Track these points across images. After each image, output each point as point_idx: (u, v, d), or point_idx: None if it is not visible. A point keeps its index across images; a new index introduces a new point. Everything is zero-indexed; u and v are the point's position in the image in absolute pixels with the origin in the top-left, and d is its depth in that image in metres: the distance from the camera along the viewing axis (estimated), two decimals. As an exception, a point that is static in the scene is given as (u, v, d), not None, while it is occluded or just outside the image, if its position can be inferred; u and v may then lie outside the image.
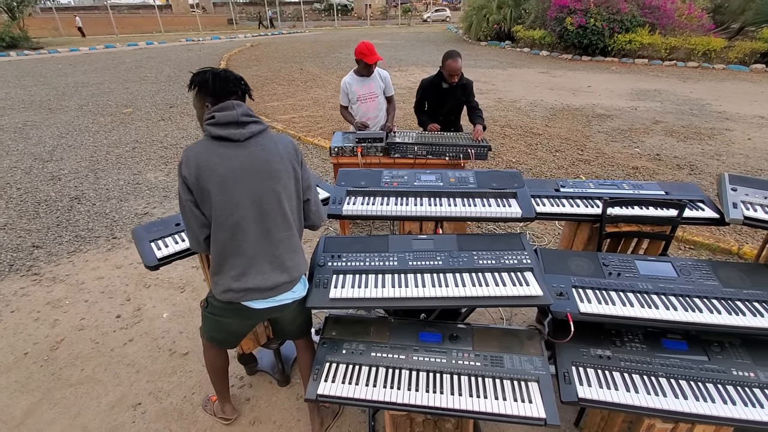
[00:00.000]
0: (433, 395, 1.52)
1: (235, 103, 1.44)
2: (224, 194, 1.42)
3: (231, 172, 1.41)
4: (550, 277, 1.76)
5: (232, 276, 1.50)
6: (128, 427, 2.14)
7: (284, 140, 1.56)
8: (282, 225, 1.52)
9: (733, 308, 1.60)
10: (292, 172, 1.53)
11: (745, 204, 1.87)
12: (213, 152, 1.41)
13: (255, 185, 1.45)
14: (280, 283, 1.53)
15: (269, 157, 1.47)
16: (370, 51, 3.28)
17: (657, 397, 1.49)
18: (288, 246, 1.55)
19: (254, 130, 1.46)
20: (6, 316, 2.91)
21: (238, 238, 1.47)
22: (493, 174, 2.18)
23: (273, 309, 1.61)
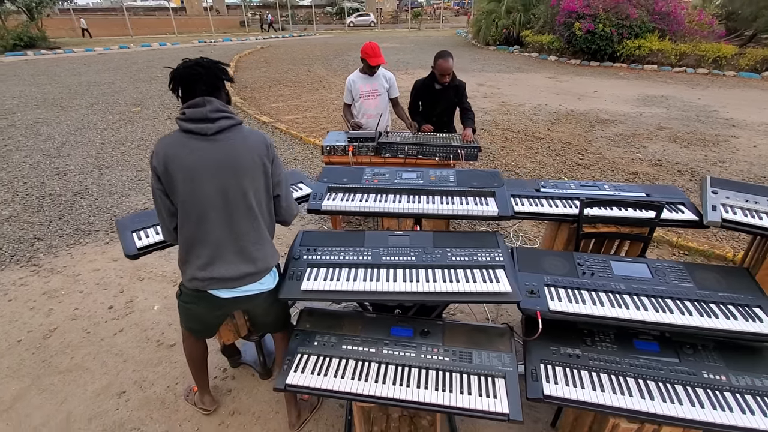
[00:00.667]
0: (400, 388, 1.54)
1: (206, 100, 1.47)
2: (190, 185, 1.46)
3: (198, 164, 1.45)
4: (524, 276, 1.77)
5: (198, 265, 1.54)
6: (111, 415, 2.18)
7: (256, 136, 1.58)
8: (247, 218, 1.55)
9: (705, 310, 1.60)
10: (261, 168, 1.56)
11: (725, 207, 1.86)
12: (182, 145, 1.46)
13: (221, 178, 1.48)
14: (245, 273, 1.56)
15: (237, 152, 1.50)
16: (375, 53, 3.33)
17: (623, 397, 1.49)
18: (254, 238, 1.58)
19: (223, 125, 1.49)
20: (3, 305, 2.99)
21: (203, 228, 1.51)
22: (474, 173, 2.19)
23: (240, 299, 1.65)
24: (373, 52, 3.32)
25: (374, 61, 3.33)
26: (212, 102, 1.48)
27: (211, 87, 1.51)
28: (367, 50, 3.36)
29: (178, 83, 1.48)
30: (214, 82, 1.52)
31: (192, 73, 1.47)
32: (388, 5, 41.66)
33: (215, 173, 1.47)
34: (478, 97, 9.32)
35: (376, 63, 3.35)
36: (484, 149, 6.05)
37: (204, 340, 1.97)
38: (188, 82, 1.47)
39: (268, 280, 1.66)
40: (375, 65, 3.37)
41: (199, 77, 1.47)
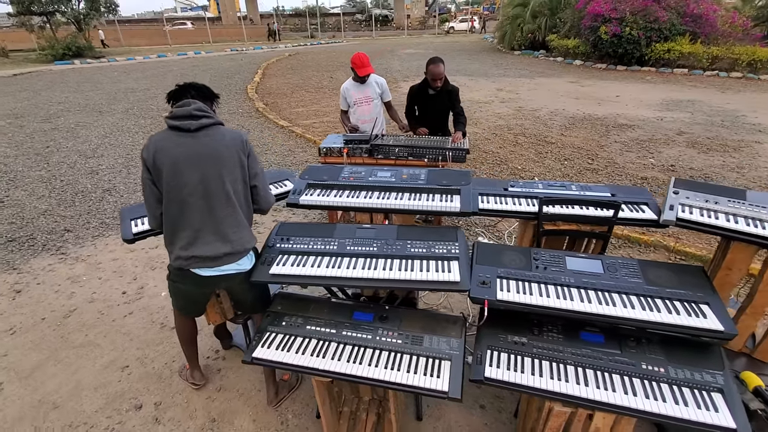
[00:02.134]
0: (354, 365, 1.68)
1: (192, 102, 1.73)
2: (175, 174, 1.68)
3: (182, 156, 1.68)
4: (480, 268, 1.88)
5: (181, 245, 1.75)
6: (114, 385, 2.43)
7: (233, 133, 1.81)
8: (225, 203, 1.76)
9: (649, 305, 1.65)
10: (237, 160, 1.77)
11: (683, 206, 1.91)
12: (169, 139, 1.70)
13: (202, 168, 1.70)
14: (222, 253, 1.76)
15: (216, 145, 1.73)
16: (362, 63, 3.51)
17: (559, 383, 1.57)
18: (231, 222, 1.78)
19: (204, 123, 1.72)
20: (33, 288, 3.35)
21: (185, 212, 1.73)
22: (445, 172, 2.31)
23: (220, 278, 1.85)
24: (360, 62, 3.50)
25: (362, 72, 3.52)
26: (197, 102, 1.73)
27: (200, 94, 1.79)
28: (355, 61, 3.54)
29: (172, 95, 1.77)
30: (204, 92, 1.81)
31: (185, 87, 1.74)
32: (416, 11, 41.97)
33: (197, 164, 1.69)
34: (495, 102, 9.35)
35: (364, 74, 3.53)
36: (493, 153, 6.10)
37: (193, 320, 2.18)
38: (180, 92, 1.75)
39: (245, 262, 1.86)
40: (363, 75, 3.55)
41: (191, 87, 1.75)
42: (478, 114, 8.37)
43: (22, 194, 5.07)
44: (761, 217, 1.77)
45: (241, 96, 10.74)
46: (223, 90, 11.62)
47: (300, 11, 45.17)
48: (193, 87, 1.82)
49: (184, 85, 1.82)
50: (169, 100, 1.82)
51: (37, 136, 7.49)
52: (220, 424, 2.18)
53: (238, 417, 2.21)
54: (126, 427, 2.19)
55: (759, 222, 1.76)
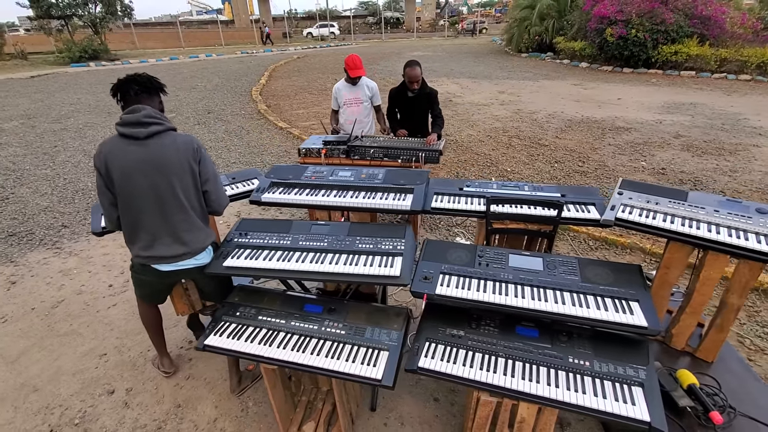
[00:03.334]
0: (297, 353, 1.77)
1: (141, 107, 1.78)
2: (126, 181, 1.77)
3: (131, 165, 1.75)
4: (425, 264, 1.95)
5: (140, 246, 1.87)
6: (91, 371, 2.57)
7: (185, 140, 1.86)
8: (178, 209, 1.84)
9: (579, 301, 1.71)
10: (188, 167, 1.83)
11: (625, 207, 1.95)
12: (119, 148, 1.76)
13: (152, 177, 1.77)
14: (180, 253, 1.87)
15: (166, 153, 1.78)
16: (355, 65, 3.63)
17: (488, 373, 1.64)
18: (185, 226, 1.87)
19: (154, 130, 1.77)
20: (27, 279, 3.52)
21: (140, 218, 1.82)
22: (404, 172, 2.40)
23: (178, 272, 1.97)
24: (353, 64, 3.61)
25: (353, 73, 3.63)
26: (146, 108, 1.78)
27: (143, 90, 1.82)
28: (348, 62, 3.65)
29: (116, 88, 1.81)
30: (148, 86, 1.84)
31: (128, 80, 1.80)
32: (427, 14, 42.05)
33: (147, 173, 1.76)
34: (494, 105, 9.37)
35: (356, 75, 3.64)
36: (485, 155, 6.15)
37: (156, 308, 2.30)
38: (124, 85, 1.80)
39: (204, 256, 1.97)
40: (354, 77, 3.65)
41: (132, 81, 1.80)
42: (475, 116, 8.41)
43: (26, 191, 5.31)
44: (698, 218, 1.81)
45: (245, 98, 10.95)
46: (229, 92, 11.88)
47: (312, 14, 45.60)
48: (135, 82, 1.81)
49: (125, 79, 1.82)
50: (115, 96, 1.84)
51: (47, 136, 7.78)
52: (184, 410, 2.30)
53: (202, 403, 2.33)
54: (97, 410, 2.32)
55: (694, 222, 1.80)
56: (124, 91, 1.82)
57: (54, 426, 2.23)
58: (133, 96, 1.82)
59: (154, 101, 1.88)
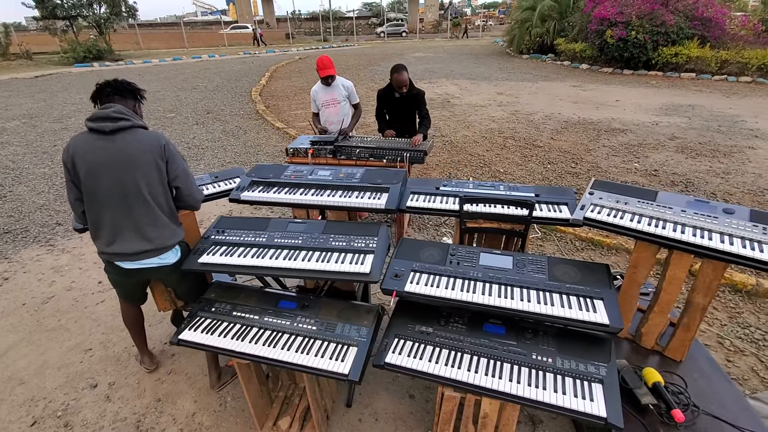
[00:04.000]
0: (268, 348, 1.81)
1: (112, 104, 1.82)
2: (91, 177, 1.80)
3: (97, 161, 1.79)
4: (398, 262, 1.98)
5: (104, 242, 1.90)
6: (75, 366, 2.62)
7: (152, 138, 1.88)
8: (142, 205, 1.86)
9: (545, 298, 1.74)
10: (154, 165, 1.85)
11: (595, 206, 1.97)
12: (86, 143, 1.80)
13: (116, 172, 1.80)
14: (143, 250, 1.90)
15: (132, 150, 1.81)
16: (324, 65, 3.66)
17: (452, 369, 1.67)
18: (150, 222, 1.89)
19: (122, 126, 1.80)
20: (19, 276, 3.58)
21: (104, 213, 1.85)
22: (381, 172, 2.43)
23: (142, 270, 1.98)
24: (322, 64, 3.65)
25: (322, 73, 3.67)
26: (115, 105, 1.83)
27: (116, 92, 1.87)
28: (317, 63, 3.70)
29: (95, 94, 1.87)
30: (121, 89, 1.89)
31: (104, 84, 1.85)
32: (430, 15, 42.07)
33: (112, 169, 1.79)
34: (492, 106, 9.38)
35: (325, 75, 3.68)
36: (478, 156, 6.17)
37: (137, 308, 2.34)
38: (100, 89, 1.86)
39: (170, 256, 1.99)
40: (323, 77, 3.69)
41: (107, 85, 1.85)
42: (472, 117, 8.43)
43: (24, 190, 5.38)
44: (665, 218, 1.83)
45: (244, 98, 11.02)
46: (229, 92, 11.95)
47: (315, 15, 45.79)
48: (109, 85, 1.88)
49: (103, 83, 1.88)
50: (94, 102, 1.90)
51: (47, 136, 7.87)
52: (164, 404, 2.34)
53: (182, 398, 2.37)
54: (80, 403, 2.36)
55: (661, 222, 1.82)
56: (99, 94, 1.87)
57: (37, 418, 2.28)
58: (106, 97, 1.88)
59: (128, 104, 1.92)
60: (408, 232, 4.05)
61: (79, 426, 2.23)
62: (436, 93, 11.00)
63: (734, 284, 3.14)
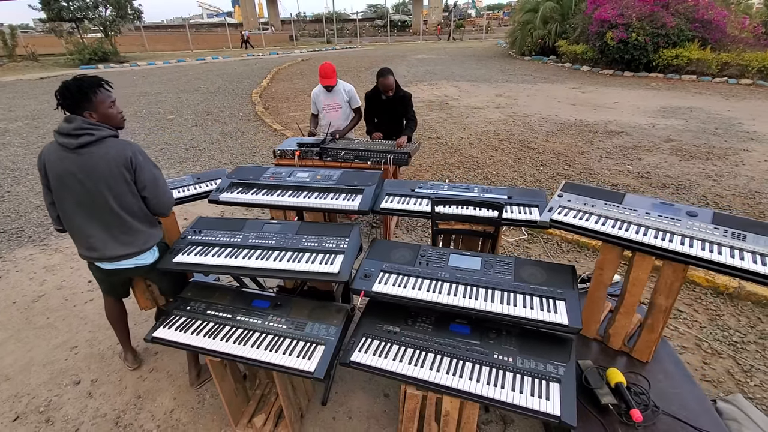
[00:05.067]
0: (239, 346, 1.85)
1: (72, 118, 1.81)
2: (60, 189, 1.85)
3: (64, 172, 1.81)
4: (369, 262, 2.02)
5: (82, 246, 1.97)
6: (61, 363, 2.68)
7: (118, 149, 1.86)
8: (110, 215, 1.89)
9: (508, 299, 1.76)
10: (120, 176, 1.85)
11: (563, 208, 2.00)
12: (55, 154, 1.83)
13: (83, 184, 1.82)
14: (120, 254, 1.95)
15: (96, 163, 1.81)
16: (325, 74, 3.72)
17: (415, 368, 1.70)
18: (122, 229, 1.94)
19: (84, 141, 1.79)
20: (12, 274, 3.66)
21: (75, 221, 1.91)
22: (358, 174, 2.46)
23: (122, 270, 2.05)
24: (324, 73, 3.71)
25: (323, 83, 3.73)
26: (76, 120, 1.81)
27: (72, 106, 1.82)
28: (320, 70, 3.75)
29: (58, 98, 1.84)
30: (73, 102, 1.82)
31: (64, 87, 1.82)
32: (434, 17, 42.12)
33: (79, 181, 1.82)
34: (489, 108, 9.40)
35: (325, 84, 3.74)
36: (472, 158, 6.19)
37: (120, 303, 2.40)
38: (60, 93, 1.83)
39: (146, 257, 2.05)
40: (324, 86, 3.75)
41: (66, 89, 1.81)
42: (469, 119, 8.46)
43: (22, 190, 5.48)
44: (629, 220, 1.85)
45: (245, 100, 11.11)
46: (230, 94, 12.06)
47: (320, 17, 46.03)
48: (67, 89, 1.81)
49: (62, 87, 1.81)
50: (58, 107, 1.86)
51: (49, 137, 7.97)
52: (144, 401, 2.38)
53: (161, 395, 2.41)
54: (62, 399, 2.42)
55: (625, 224, 1.84)
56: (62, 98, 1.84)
57: (20, 413, 2.34)
58: (70, 103, 1.83)
59: (93, 105, 1.87)
60: (396, 233, 4.08)
61: (60, 421, 2.28)
62: (435, 95, 11.04)
63: (716, 287, 3.15)
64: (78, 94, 1.83)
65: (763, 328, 2.82)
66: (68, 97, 1.82)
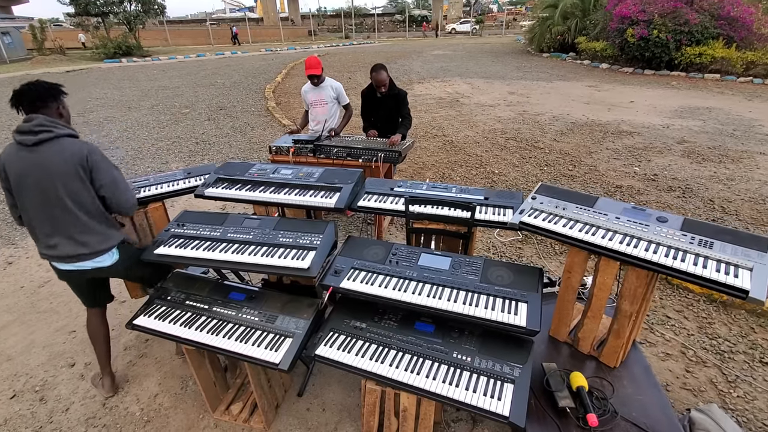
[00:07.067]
0: (211, 336, 1.93)
1: (34, 116, 1.85)
2: (18, 188, 1.89)
3: (22, 172, 1.86)
4: (341, 259, 2.07)
5: (41, 245, 1.99)
6: (59, 345, 2.82)
7: (74, 148, 1.87)
8: (66, 213, 1.91)
9: (471, 299, 1.78)
10: (75, 174, 1.86)
11: (534, 211, 2.00)
12: (14, 154, 1.87)
13: (39, 182, 1.85)
14: (78, 253, 1.96)
15: (52, 160, 1.83)
16: (310, 65, 3.77)
17: (376, 363, 1.74)
18: (78, 229, 1.95)
19: (43, 138, 1.83)
20: (22, 261, 3.85)
21: (35, 220, 1.93)
22: (339, 172, 2.50)
23: (77, 272, 2.05)
24: (308, 64, 3.75)
25: (307, 72, 3.78)
26: (37, 118, 1.85)
27: (38, 98, 1.88)
28: (305, 63, 3.80)
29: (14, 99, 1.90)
30: (39, 95, 1.89)
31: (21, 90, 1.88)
32: (454, 12, 41.69)
33: (35, 178, 1.86)
34: (500, 106, 9.30)
35: (308, 73, 3.78)
36: (476, 156, 6.16)
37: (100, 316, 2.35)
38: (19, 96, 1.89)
39: (105, 259, 2.04)
40: (307, 75, 3.80)
41: (27, 91, 1.87)
42: (478, 117, 8.39)
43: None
44: (598, 224, 1.84)
45: (258, 95, 11.28)
46: (245, 89, 12.25)
47: (339, 12, 46.10)
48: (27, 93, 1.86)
49: (20, 89, 1.88)
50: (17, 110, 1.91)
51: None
52: (131, 385, 2.50)
53: (148, 380, 2.52)
54: (57, 380, 2.56)
55: (593, 228, 1.83)
56: (20, 101, 1.89)
57: (17, 392, 2.48)
58: (28, 105, 1.88)
59: (50, 107, 1.91)
60: (390, 230, 4.12)
61: (53, 400, 2.42)
62: (447, 92, 10.98)
63: (710, 294, 3.08)
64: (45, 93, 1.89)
65: (755, 339, 2.75)
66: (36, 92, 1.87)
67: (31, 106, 1.89)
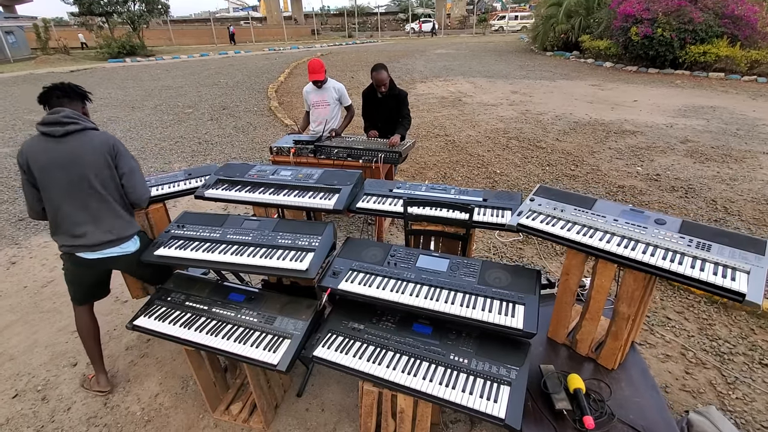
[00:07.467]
0: (210, 337, 1.94)
1: (61, 109, 1.93)
2: (45, 177, 1.93)
3: (49, 160, 1.91)
4: (340, 260, 2.08)
5: (66, 236, 2.02)
6: (61, 345, 2.85)
7: (101, 138, 1.99)
8: (97, 199, 1.99)
9: (468, 301, 1.79)
10: (104, 162, 1.97)
11: (532, 213, 2.00)
12: (38, 146, 1.92)
13: (69, 170, 1.92)
14: (104, 240, 2.03)
15: (83, 151, 1.93)
16: (313, 69, 3.78)
17: (373, 365, 1.75)
18: (107, 214, 2.03)
19: (71, 129, 1.91)
20: (26, 261, 3.88)
21: (62, 210, 1.97)
22: (338, 173, 2.51)
23: (104, 260, 2.10)
24: (312, 68, 3.76)
25: (310, 77, 3.79)
26: (64, 110, 1.93)
27: (65, 95, 1.97)
28: (308, 66, 3.81)
29: (42, 97, 1.97)
30: (69, 92, 2.00)
31: (51, 87, 1.97)
32: (457, 11, 41.56)
33: (64, 167, 1.91)
34: (503, 105, 9.27)
35: (312, 79, 3.80)
36: (478, 156, 6.15)
37: (90, 314, 2.37)
38: (47, 93, 1.96)
39: (129, 245, 2.13)
40: (311, 80, 3.82)
41: (55, 88, 1.96)
42: (480, 116, 8.38)
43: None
44: (596, 226, 1.84)
45: (261, 95, 11.30)
46: (248, 89, 12.28)
47: (342, 11, 46.09)
48: (57, 88, 1.97)
49: (51, 86, 2.00)
50: (41, 104, 2.00)
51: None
52: (132, 384, 2.52)
53: (149, 380, 2.55)
54: (59, 379, 2.58)
55: (591, 230, 1.83)
56: (48, 97, 1.98)
57: (20, 391, 2.51)
58: (56, 101, 1.98)
59: (76, 106, 2.02)
60: (391, 231, 4.12)
61: (55, 400, 2.44)
62: (449, 91, 10.96)
63: (710, 295, 3.06)
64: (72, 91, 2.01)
65: (755, 340, 2.74)
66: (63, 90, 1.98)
67: (59, 102, 1.98)
